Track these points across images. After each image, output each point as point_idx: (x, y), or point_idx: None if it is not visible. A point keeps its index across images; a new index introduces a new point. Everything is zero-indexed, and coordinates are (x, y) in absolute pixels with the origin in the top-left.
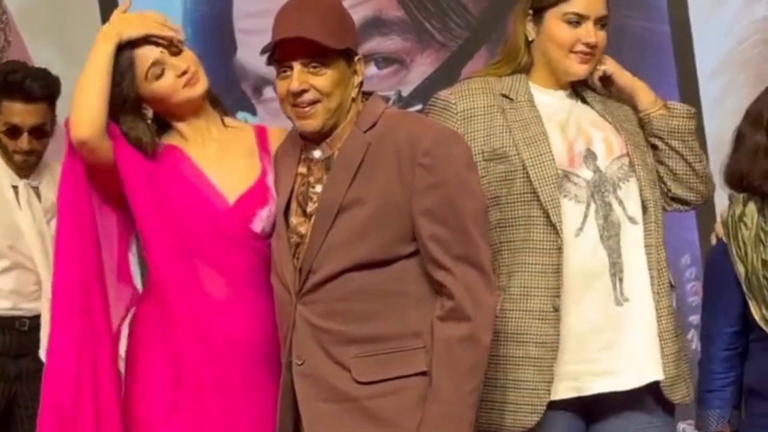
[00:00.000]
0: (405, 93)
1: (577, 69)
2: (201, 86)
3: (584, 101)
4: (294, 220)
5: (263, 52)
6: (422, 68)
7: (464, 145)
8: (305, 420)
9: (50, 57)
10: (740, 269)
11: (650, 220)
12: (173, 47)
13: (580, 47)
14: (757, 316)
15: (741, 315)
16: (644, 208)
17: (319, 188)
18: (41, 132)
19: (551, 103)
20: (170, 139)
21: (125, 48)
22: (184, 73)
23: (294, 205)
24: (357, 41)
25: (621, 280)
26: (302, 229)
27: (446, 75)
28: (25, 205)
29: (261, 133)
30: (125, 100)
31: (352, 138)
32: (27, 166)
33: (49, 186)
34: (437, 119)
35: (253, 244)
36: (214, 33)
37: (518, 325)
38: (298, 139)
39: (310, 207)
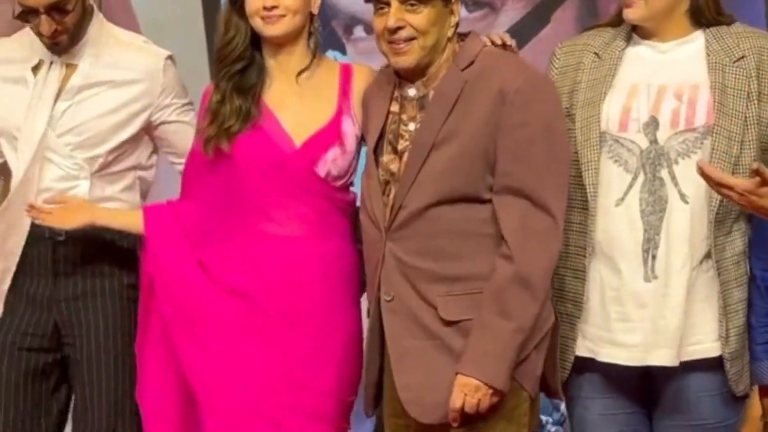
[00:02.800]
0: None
1: (624, 13)
2: (275, 30)
3: (717, 59)
4: (384, 157)
5: None
6: (512, 13)
7: (555, 92)
8: (392, 354)
9: (151, 6)
10: None
11: (711, 199)
12: None
13: None
14: None
15: None
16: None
17: (411, 126)
18: (61, 11)
19: (644, 57)
20: None
21: None
22: (268, 8)
23: (384, 143)
24: None
25: (654, 257)
26: (392, 167)
27: (536, 20)
28: (40, 83)
29: (345, 73)
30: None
31: (450, 76)
32: (59, 49)
33: (95, 61)
34: (549, 70)
35: (320, 188)
36: None
37: (562, 282)
38: (391, 77)
39: (401, 145)
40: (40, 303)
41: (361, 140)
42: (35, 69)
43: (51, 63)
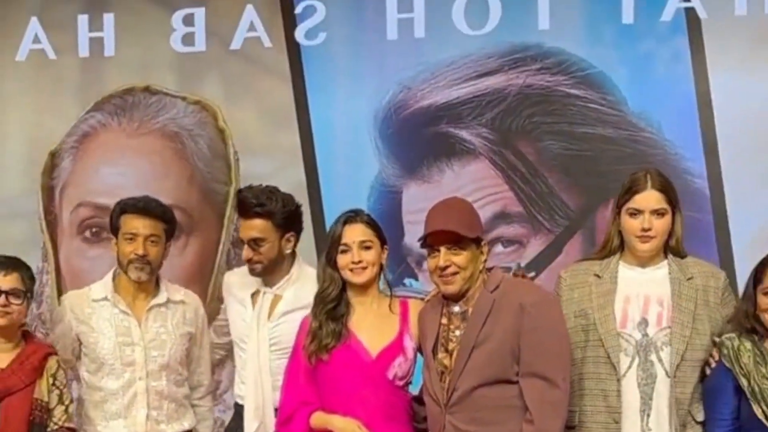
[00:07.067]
0: (523, 264)
1: (641, 247)
2: (360, 279)
3: (676, 277)
4: (439, 355)
5: (420, 239)
6: (535, 247)
7: (559, 306)
8: None
9: None
10: (744, 381)
11: (684, 376)
12: (369, 242)
13: (639, 232)
14: (759, 414)
15: (735, 418)
16: (678, 367)
17: (458, 333)
18: (258, 243)
19: (632, 278)
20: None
21: (347, 222)
22: (356, 263)
23: (439, 345)
24: (483, 230)
25: (648, 415)
26: (446, 362)
27: (552, 251)
28: (254, 310)
29: (404, 306)
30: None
31: (482, 297)
32: (258, 275)
33: (297, 292)
34: (557, 287)
35: (388, 386)
36: (389, 223)
37: None
38: (440, 301)
39: (451, 345)
40: None
41: (418, 350)
42: (254, 295)
43: (264, 293)
